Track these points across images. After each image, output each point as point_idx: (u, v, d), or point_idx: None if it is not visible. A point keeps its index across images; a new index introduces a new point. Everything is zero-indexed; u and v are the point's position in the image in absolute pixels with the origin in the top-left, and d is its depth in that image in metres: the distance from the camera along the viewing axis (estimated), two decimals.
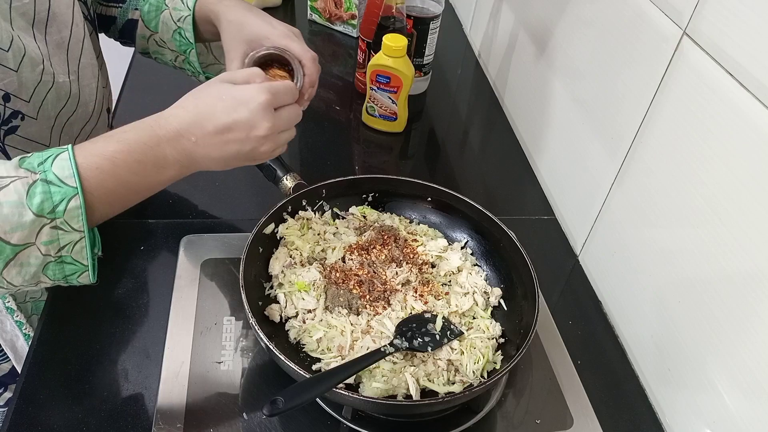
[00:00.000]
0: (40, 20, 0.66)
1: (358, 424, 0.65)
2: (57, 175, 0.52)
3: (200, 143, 0.59)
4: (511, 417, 0.68)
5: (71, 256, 0.55)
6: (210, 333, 0.72)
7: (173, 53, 0.82)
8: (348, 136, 1.11)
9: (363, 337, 0.67)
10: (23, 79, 0.63)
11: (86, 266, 0.57)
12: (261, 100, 0.60)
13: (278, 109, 0.62)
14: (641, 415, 0.71)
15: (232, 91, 0.60)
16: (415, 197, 0.83)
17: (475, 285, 0.75)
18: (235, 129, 0.59)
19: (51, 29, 0.68)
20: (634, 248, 0.76)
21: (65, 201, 0.52)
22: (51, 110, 0.68)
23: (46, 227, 0.52)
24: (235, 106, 0.59)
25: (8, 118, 0.63)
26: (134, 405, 0.65)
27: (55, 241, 0.53)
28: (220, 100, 0.59)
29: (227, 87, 0.61)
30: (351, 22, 1.32)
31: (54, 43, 0.68)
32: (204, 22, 0.78)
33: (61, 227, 0.53)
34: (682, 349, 0.66)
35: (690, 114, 0.64)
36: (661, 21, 0.68)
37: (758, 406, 0.56)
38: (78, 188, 0.53)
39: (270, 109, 0.61)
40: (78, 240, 0.54)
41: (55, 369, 0.68)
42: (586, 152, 0.86)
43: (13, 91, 0.63)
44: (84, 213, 0.53)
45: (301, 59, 0.72)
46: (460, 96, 1.26)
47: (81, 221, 0.53)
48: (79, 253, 0.55)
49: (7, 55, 0.61)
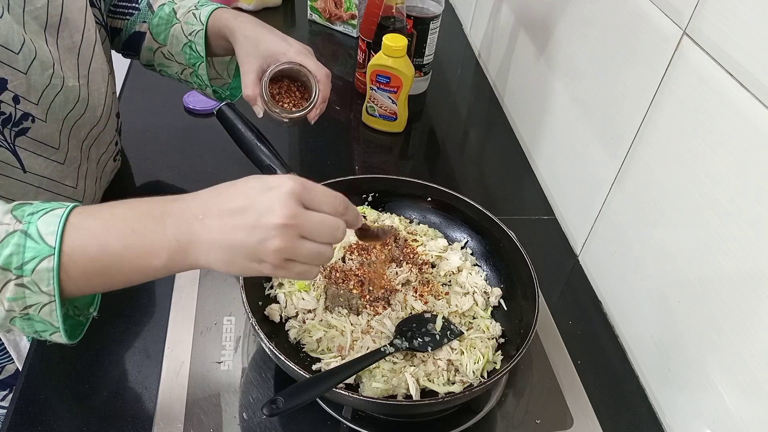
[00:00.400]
0: (53, 24, 0.66)
1: (358, 424, 0.65)
2: (39, 230, 0.48)
3: (206, 222, 0.50)
4: (511, 417, 0.68)
5: (39, 315, 0.49)
6: (210, 333, 0.72)
7: (180, 66, 0.83)
8: (348, 136, 1.11)
9: (363, 337, 0.68)
10: (32, 81, 0.63)
11: (55, 329, 0.50)
12: (289, 186, 0.51)
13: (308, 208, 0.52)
14: (641, 415, 0.71)
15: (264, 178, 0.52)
16: (415, 197, 0.83)
17: (475, 285, 0.75)
18: (248, 211, 0.50)
19: (63, 33, 0.68)
20: (634, 248, 0.76)
21: (36, 260, 0.47)
22: (59, 113, 0.68)
23: (11, 283, 0.47)
24: (260, 189, 0.51)
25: (19, 119, 0.63)
26: (134, 405, 0.65)
27: (20, 299, 0.48)
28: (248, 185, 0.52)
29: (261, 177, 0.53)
30: (351, 22, 1.32)
31: (65, 47, 0.69)
32: (216, 36, 0.79)
33: (28, 286, 0.48)
34: (682, 349, 0.66)
35: (690, 114, 0.64)
36: (661, 21, 0.68)
37: (758, 406, 0.56)
38: (55, 249, 0.47)
39: (294, 199, 0.50)
40: (47, 302, 0.48)
41: (55, 369, 0.68)
42: (586, 152, 0.86)
43: (22, 93, 0.63)
44: (56, 277, 0.47)
45: (316, 75, 0.76)
46: (460, 96, 1.26)
47: (51, 285, 0.48)
48: (48, 315, 0.49)
49: (18, 57, 0.61)
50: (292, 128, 1.08)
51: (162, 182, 0.95)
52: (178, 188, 0.93)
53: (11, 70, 0.61)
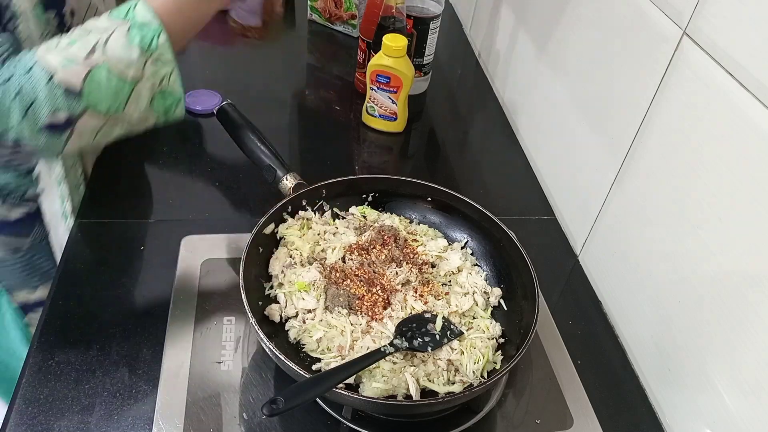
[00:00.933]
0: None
1: (358, 424, 0.65)
2: (141, 21, 0.63)
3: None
4: (511, 417, 0.68)
5: (170, 86, 0.66)
6: (210, 333, 0.72)
7: None
8: (348, 136, 1.11)
9: (363, 337, 0.67)
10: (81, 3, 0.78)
11: (179, 96, 0.67)
12: None
13: None
14: (641, 415, 0.71)
15: None
16: (415, 197, 0.83)
17: (475, 285, 0.75)
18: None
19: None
20: (634, 248, 0.76)
21: (156, 37, 0.63)
22: None
23: (149, 61, 0.63)
24: None
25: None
26: (134, 405, 0.65)
27: (157, 73, 0.64)
28: None
29: None
30: (351, 22, 1.32)
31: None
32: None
33: (159, 59, 0.64)
34: (682, 349, 0.66)
35: (690, 114, 0.64)
36: (661, 21, 0.68)
37: (758, 406, 0.56)
38: (161, 26, 0.63)
39: None
40: (171, 70, 0.65)
41: (55, 369, 0.68)
42: (586, 152, 0.86)
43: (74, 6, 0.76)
44: (170, 44, 0.64)
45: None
46: (460, 96, 1.26)
47: (170, 51, 0.64)
48: (175, 82, 0.66)
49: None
50: (292, 127, 1.08)
51: (162, 183, 0.95)
52: (178, 187, 0.93)
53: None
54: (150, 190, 0.93)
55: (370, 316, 0.69)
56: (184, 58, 1.25)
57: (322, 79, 1.24)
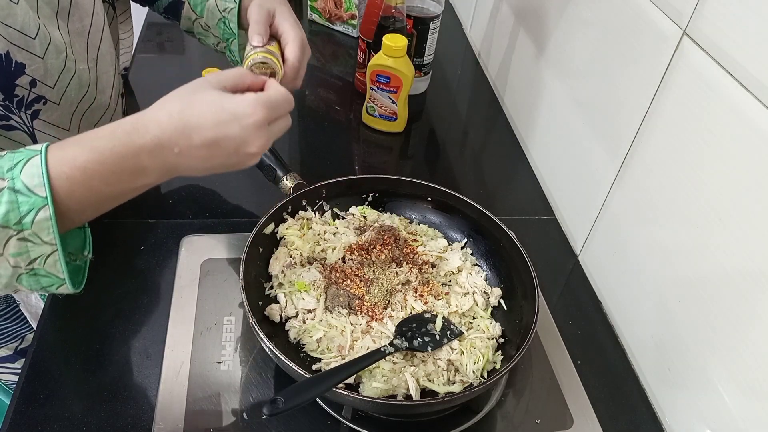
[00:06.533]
0: (64, 8, 0.68)
1: (358, 424, 0.65)
2: (26, 184, 0.48)
3: (184, 154, 0.54)
4: (511, 417, 0.68)
5: (44, 269, 0.51)
6: (210, 333, 0.72)
7: (216, 39, 0.84)
8: (348, 136, 1.11)
9: (363, 337, 0.67)
10: (48, 65, 0.64)
11: (63, 280, 0.52)
12: (257, 118, 0.55)
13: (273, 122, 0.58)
14: (641, 415, 0.71)
15: (223, 102, 0.54)
16: (415, 197, 0.83)
17: (475, 285, 0.75)
18: (223, 144, 0.54)
19: (73, 17, 0.69)
20: (634, 248, 0.76)
21: (33, 212, 0.48)
22: (74, 97, 0.70)
23: (13, 239, 0.49)
24: (227, 120, 0.54)
25: (31, 102, 0.65)
26: (134, 405, 0.65)
27: (24, 253, 0.50)
28: (210, 111, 0.54)
29: (218, 96, 0.55)
30: (351, 22, 1.32)
31: (75, 31, 0.70)
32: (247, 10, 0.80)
33: (29, 239, 0.49)
34: (682, 349, 0.66)
35: (690, 114, 0.64)
36: (661, 21, 0.68)
37: (758, 406, 0.56)
38: (48, 198, 0.48)
39: (264, 127, 0.56)
40: (50, 253, 0.50)
41: (55, 369, 0.68)
42: (586, 152, 0.86)
43: (40, 77, 0.64)
44: (55, 224, 0.49)
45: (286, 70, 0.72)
46: (460, 96, 1.26)
47: (52, 233, 0.49)
48: (53, 266, 0.51)
49: (35, 42, 0.62)
50: (292, 127, 1.08)
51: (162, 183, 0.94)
52: (178, 187, 0.93)
53: (29, 55, 0.62)
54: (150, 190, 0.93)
55: (370, 316, 0.70)
56: (185, 57, 1.25)
57: (322, 79, 1.23)
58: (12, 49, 0.60)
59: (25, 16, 0.60)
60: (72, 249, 0.57)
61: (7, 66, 0.61)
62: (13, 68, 0.61)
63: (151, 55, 1.23)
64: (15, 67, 0.61)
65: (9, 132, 0.65)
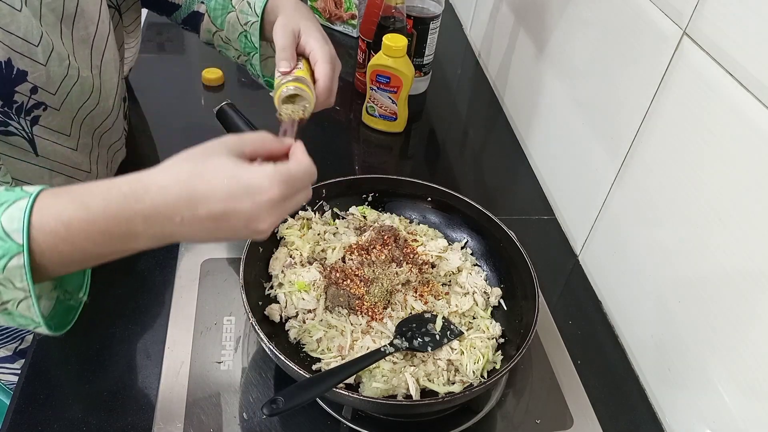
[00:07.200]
0: (68, 16, 0.67)
1: (358, 424, 0.65)
2: (3, 226, 0.45)
3: (186, 225, 0.49)
4: (511, 417, 0.68)
5: (18, 311, 0.47)
6: (210, 333, 0.72)
7: (237, 52, 0.83)
8: (348, 136, 1.11)
9: (363, 337, 0.67)
10: (51, 73, 0.64)
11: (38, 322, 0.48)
12: (272, 195, 0.49)
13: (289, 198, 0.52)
14: (641, 415, 0.71)
15: (238, 172, 0.49)
16: (415, 197, 0.83)
17: (475, 285, 0.75)
18: (232, 218, 0.49)
19: (78, 25, 0.69)
20: (634, 248, 0.76)
21: (6, 258, 0.44)
22: (75, 103, 0.70)
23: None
24: (239, 194, 0.48)
25: (30, 108, 0.64)
26: (134, 405, 0.65)
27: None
28: (222, 181, 0.49)
29: (233, 164, 0.49)
30: (351, 22, 1.32)
31: (79, 38, 0.69)
32: (271, 24, 0.76)
33: (1, 282, 0.45)
34: (682, 349, 0.66)
35: (690, 114, 0.64)
36: (661, 21, 0.68)
37: (758, 406, 0.56)
38: (24, 247, 0.44)
39: (279, 204, 0.50)
40: (23, 298, 0.46)
41: (55, 369, 0.68)
42: (586, 152, 0.86)
43: (42, 85, 0.63)
44: (29, 274, 0.45)
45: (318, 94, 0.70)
46: (460, 96, 1.26)
47: (24, 281, 0.45)
48: (26, 310, 0.47)
49: (37, 50, 0.62)
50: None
51: None
52: None
53: (31, 62, 0.62)
54: None
55: (370, 316, 0.70)
56: (185, 57, 1.25)
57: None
58: (14, 57, 0.60)
59: (28, 24, 0.60)
60: (69, 287, 0.54)
61: (8, 73, 0.61)
62: (14, 75, 0.61)
63: (151, 55, 1.23)
64: (16, 75, 0.61)
65: (7, 137, 0.64)
